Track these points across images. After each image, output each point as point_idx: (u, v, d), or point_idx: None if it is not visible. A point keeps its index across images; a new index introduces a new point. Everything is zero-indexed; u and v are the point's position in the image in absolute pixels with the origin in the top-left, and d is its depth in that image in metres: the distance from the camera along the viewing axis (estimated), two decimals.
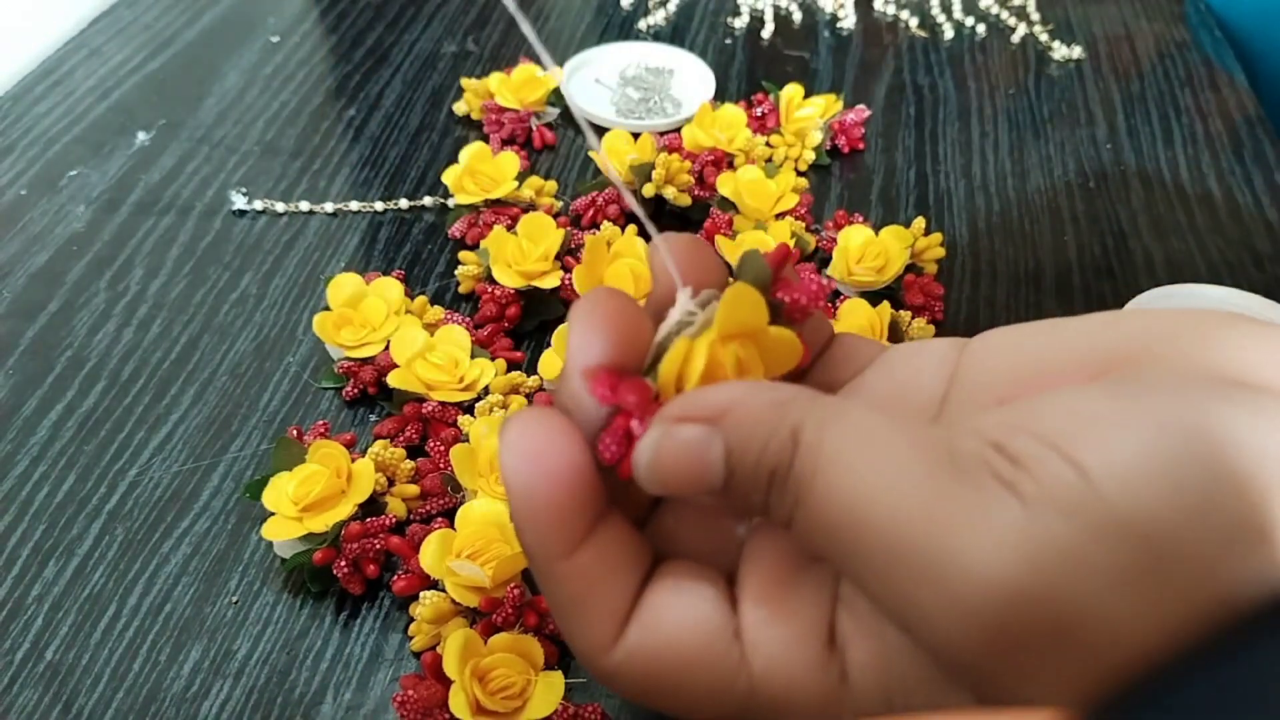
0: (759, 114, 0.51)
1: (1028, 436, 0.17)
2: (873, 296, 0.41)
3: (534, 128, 0.51)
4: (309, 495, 0.31)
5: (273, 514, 0.32)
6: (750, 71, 0.57)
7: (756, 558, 0.21)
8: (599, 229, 0.44)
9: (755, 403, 0.19)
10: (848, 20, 0.62)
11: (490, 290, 0.40)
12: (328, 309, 0.39)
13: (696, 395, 0.19)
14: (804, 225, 0.44)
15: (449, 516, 0.33)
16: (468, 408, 0.37)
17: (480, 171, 0.45)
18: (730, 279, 0.22)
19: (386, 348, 0.37)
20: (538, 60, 0.54)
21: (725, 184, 0.45)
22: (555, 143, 0.51)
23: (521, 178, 0.46)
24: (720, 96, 0.54)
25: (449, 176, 0.45)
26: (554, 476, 0.20)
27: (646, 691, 0.20)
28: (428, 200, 0.47)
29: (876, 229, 0.43)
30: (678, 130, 0.50)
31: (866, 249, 0.42)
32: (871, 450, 0.17)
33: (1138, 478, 0.15)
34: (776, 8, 0.63)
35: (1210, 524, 0.15)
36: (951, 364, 0.22)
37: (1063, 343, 0.20)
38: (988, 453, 0.17)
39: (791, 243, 0.42)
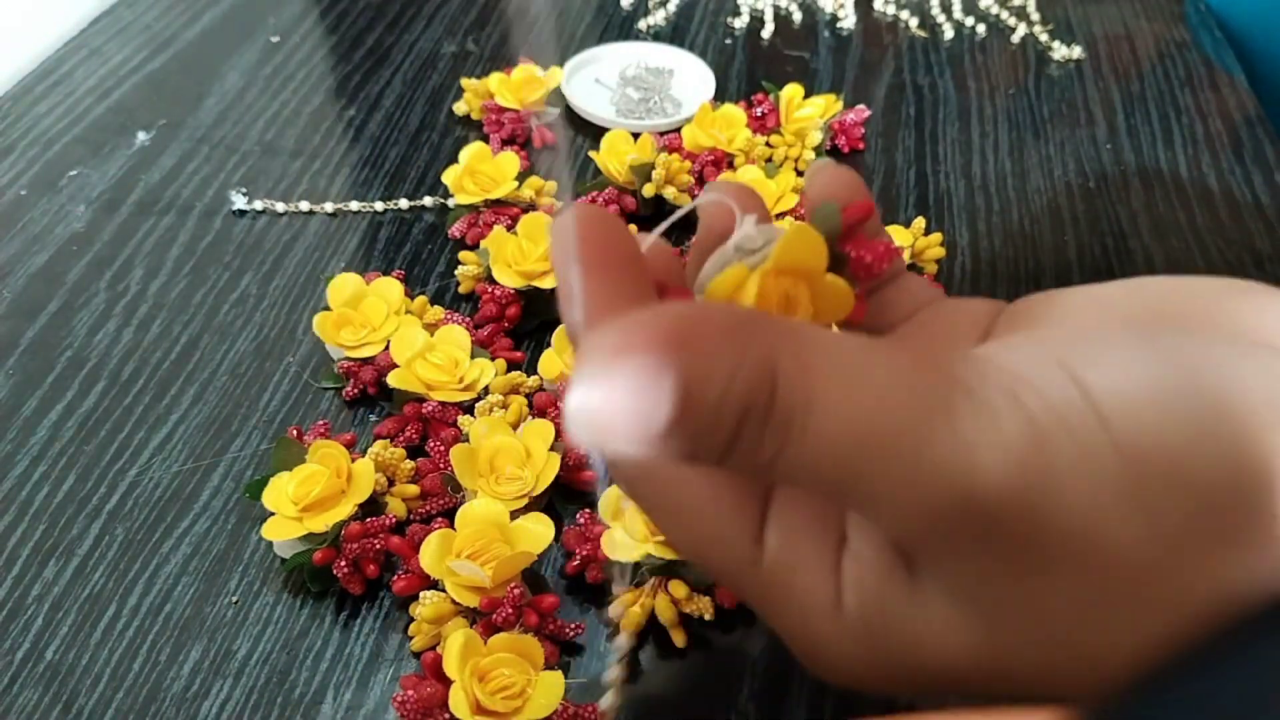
0: (759, 114, 0.51)
1: (1033, 355, 0.17)
2: None
3: (534, 128, 0.51)
4: (309, 495, 0.31)
5: (273, 514, 0.32)
6: (750, 71, 0.57)
7: None
8: None
9: (710, 326, 0.15)
10: (848, 20, 0.62)
11: (490, 290, 0.40)
12: (328, 309, 0.39)
13: (636, 318, 0.15)
14: None
15: (449, 516, 0.33)
16: (468, 408, 0.37)
17: (480, 171, 0.45)
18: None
19: (386, 348, 0.37)
20: (538, 60, 0.54)
21: None
22: (555, 143, 0.51)
23: (521, 178, 0.46)
24: (720, 96, 0.54)
25: (449, 176, 0.45)
26: (615, 245, 0.19)
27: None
28: (428, 200, 0.47)
29: None
30: (678, 130, 0.50)
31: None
32: (871, 370, 0.16)
33: (1142, 403, 0.16)
34: (776, 8, 0.63)
35: (1209, 456, 0.15)
36: (989, 320, 0.22)
37: (1094, 300, 0.20)
38: (989, 369, 0.16)
39: None
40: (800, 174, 0.49)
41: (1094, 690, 0.17)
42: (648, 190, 0.45)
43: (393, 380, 0.36)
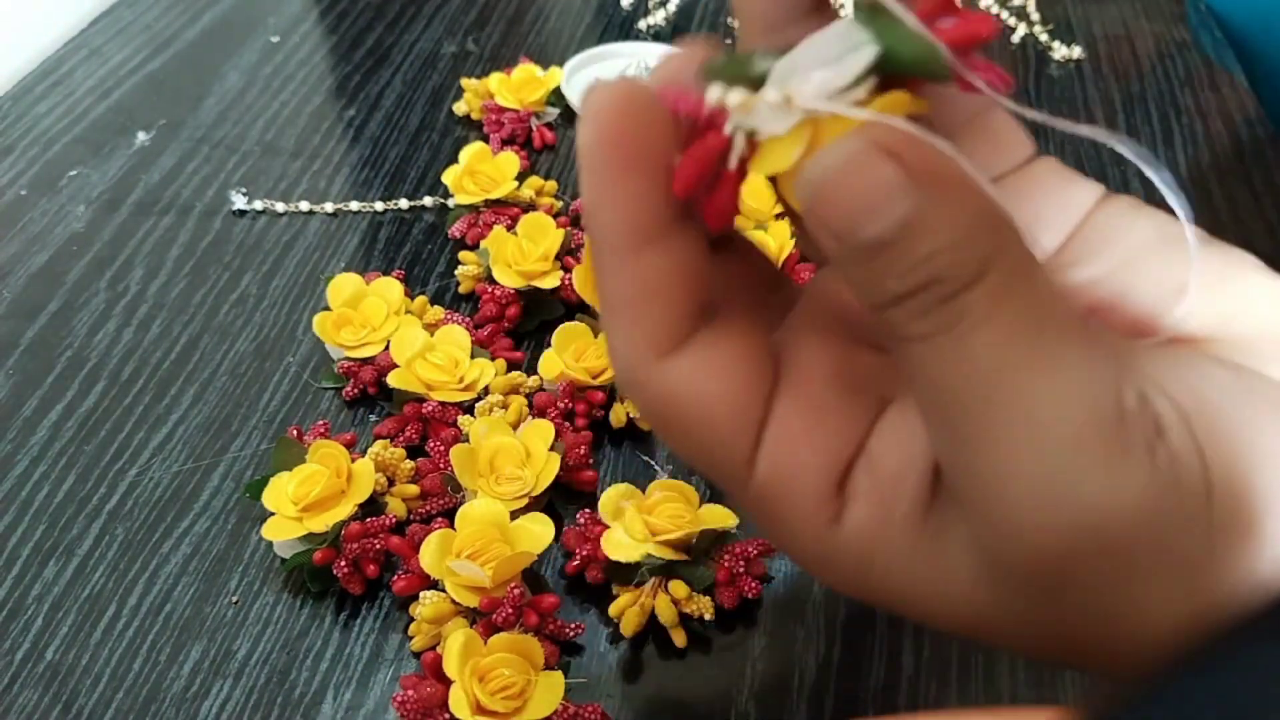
0: None
1: (1169, 404, 0.16)
2: None
3: (534, 128, 0.51)
4: (309, 495, 0.31)
5: (273, 514, 0.32)
6: None
7: (801, 358, 0.20)
8: None
9: (967, 200, 0.16)
10: None
11: (490, 290, 0.40)
12: (328, 309, 0.39)
13: (921, 142, 0.16)
14: None
15: (449, 516, 0.33)
16: (468, 408, 0.37)
17: (480, 171, 0.45)
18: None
19: (386, 348, 0.37)
20: (538, 60, 0.54)
21: None
22: (555, 143, 0.51)
23: (521, 178, 0.46)
24: None
25: (449, 176, 0.45)
26: (646, 157, 0.17)
27: (657, 420, 0.19)
28: (428, 200, 0.47)
29: None
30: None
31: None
32: (1055, 334, 0.16)
33: (1242, 483, 0.16)
34: None
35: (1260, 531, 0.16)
36: (1081, 216, 0.21)
37: (1177, 273, 0.20)
38: (1142, 405, 0.16)
39: (790, 244, 0.42)
40: None
41: (1093, 666, 0.17)
42: None
43: (393, 380, 0.36)
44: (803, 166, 0.16)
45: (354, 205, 0.47)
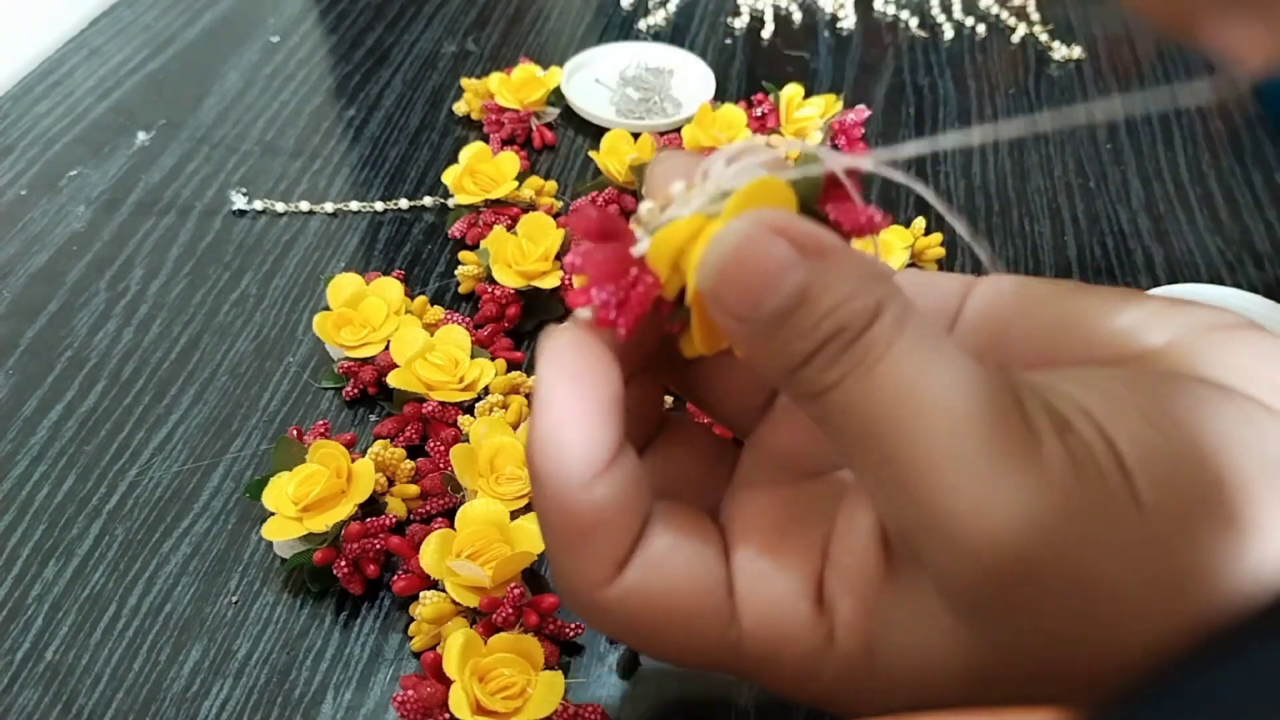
0: (759, 114, 0.51)
1: (1071, 405, 0.17)
2: None
3: (534, 128, 0.51)
4: (309, 495, 0.31)
5: (273, 514, 0.32)
6: (750, 71, 0.57)
7: (744, 516, 0.21)
8: None
9: (852, 260, 0.18)
10: (848, 20, 0.62)
11: (490, 290, 0.40)
12: (328, 309, 0.39)
13: (798, 220, 0.18)
14: None
15: (449, 516, 0.33)
16: (468, 408, 0.37)
17: (480, 171, 0.45)
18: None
19: (386, 348, 0.37)
20: (537, 60, 0.54)
21: None
22: (555, 143, 0.51)
23: (521, 178, 0.46)
24: (720, 96, 0.54)
25: (449, 176, 0.45)
26: (593, 397, 0.19)
27: (634, 631, 0.20)
28: (428, 200, 0.47)
29: None
30: (678, 130, 0.50)
31: (866, 248, 0.41)
32: (949, 355, 0.17)
33: (1156, 465, 0.17)
34: (776, 8, 0.63)
35: (1208, 513, 0.16)
36: (957, 302, 0.22)
37: (1064, 317, 0.21)
38: (1043, 404, 0.17)
39: None
40: None
41: (1080, 693, 0.17)
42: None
43: (393, 380, 0.36)
44: (696, 256, 0.18)
45: (354, 205, 0.47)
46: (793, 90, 0.51)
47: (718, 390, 0.23)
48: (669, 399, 0.25)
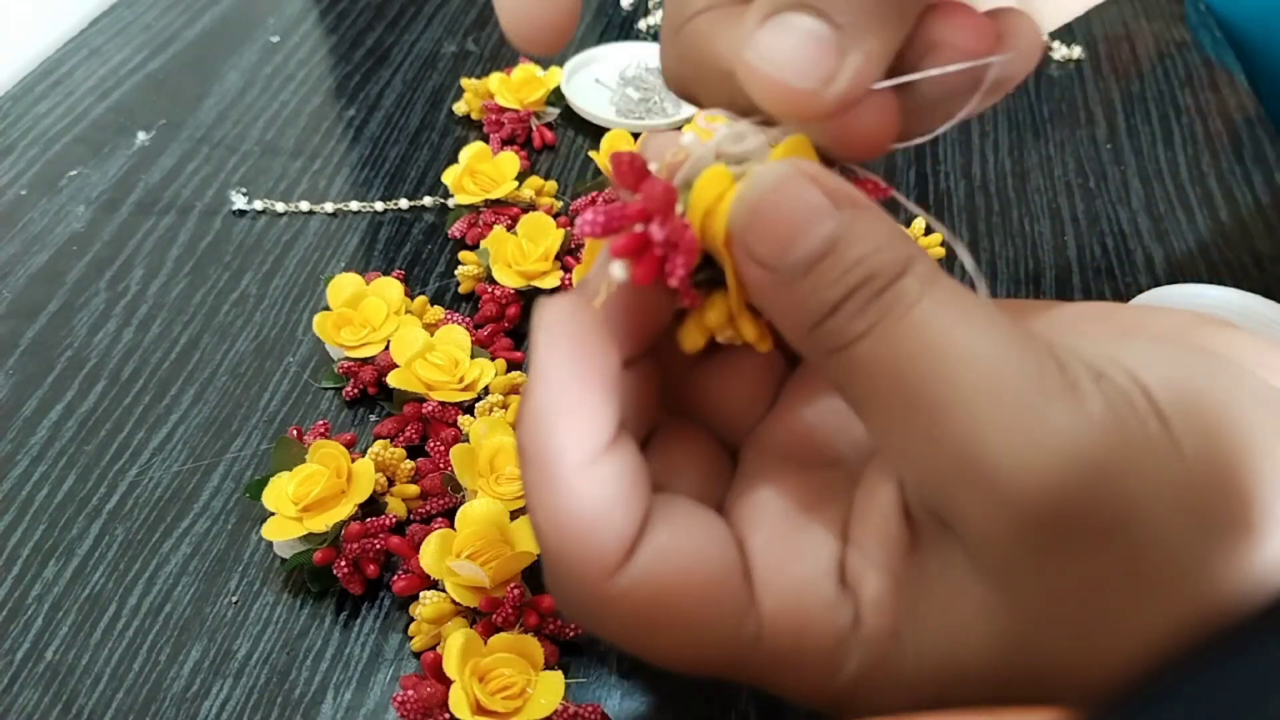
0: None
1: (1103, 357, 0.17)
2: None
3: (534, 128, 0.51)
4: (309, 495, 0.31)
5: (273, 514, 0.32)
6: None
7: (757, 500, 0.20)
8: None
9: (883, 218, 0.18)
10: None
11: (490, 290, 0.40)
12: (328, 309, 0.39)
13: (833, 174, 0.18)
14: None
15: (449, 516, 0.33)
16: (468, 408, 0.37)
17: (480, 171, 0.45)
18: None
19: (386, 348, 0.37)
20: (537, 60, 0.54)
21: None
22: (555, 143, 0.51)
23: (521, 178, 0.46)
24: None
25: (449, 176, 0.45)
26: (594, 369, 0.18)
27: (643, 627, 0.18)
28: (428, 200, 0.47)
29: None
30: (678, 130, 0.50)
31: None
32: (980, 308, 0.17)
33: (1192, 415, 0.16)
34: None
35: (1243, 455, 0.16)
36: None
37: (1064, 329, 0.21)
38: (1074, 354, 0.17)
39: None
40: None
41: (1104, 685, 0.17)
42: None
43: (393, 380, 0.36)
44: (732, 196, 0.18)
45: (354, 205, 0.47)
46: None
47: (714, 395, 0.22)
48: None
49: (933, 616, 0.18)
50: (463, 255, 0.42)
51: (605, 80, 0.54)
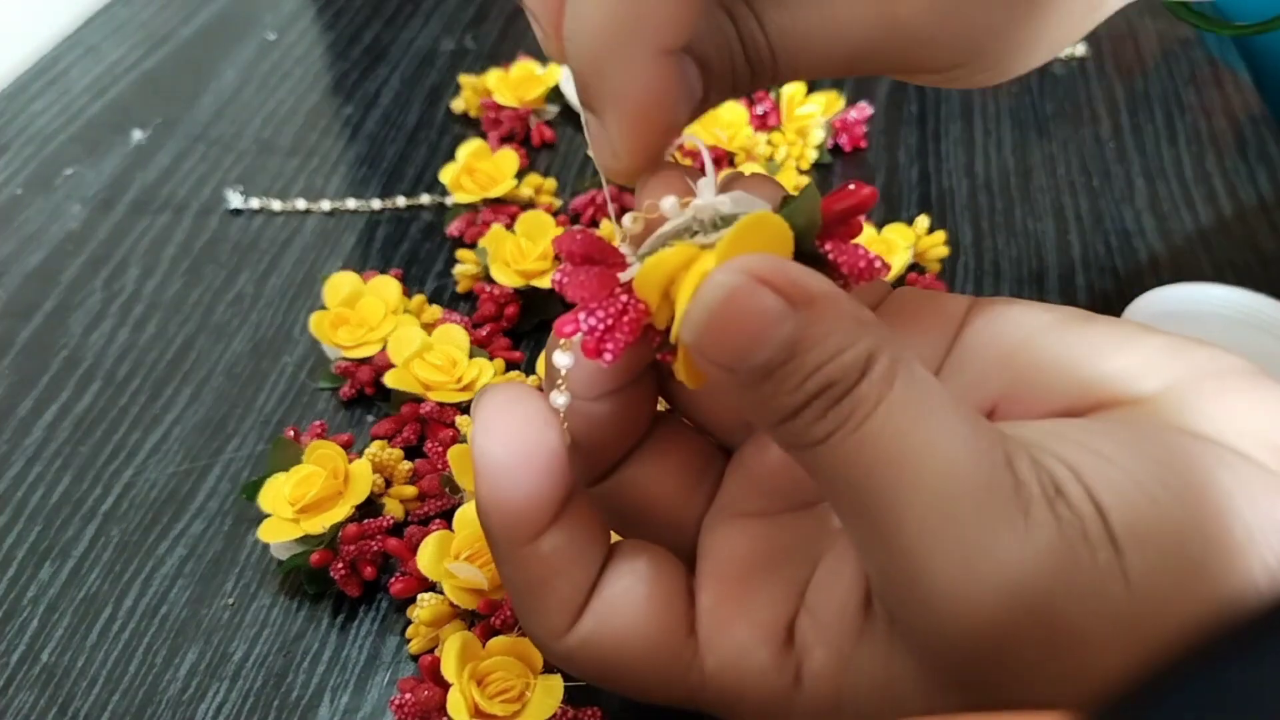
0: (760, 112, 0.51)
1: (1062, 468, 0.17)
2: None
3: (533, 125, 0.50)
4: (306, 496, 0.31)
5: (269, 515, 0.32)
6: None
7: (717, 551, 0.21)
8: (598, 227, 0.44)
9: (843, 307, 0.17)
10: None
11: (488, 289, 0.40)
12: (325, 308, 0.38)
13: (786, 266, 0.17)
14: None
15: (447, 518, 0.33)
16: (466, 408, 0.36)
17: (478, 169, 0.44)
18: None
19: (384, 348, 0.37)
20: (536, 57, 0.54)
21: None
22: (554, 140, 0.51)
23: (520, 175, 0.45)
24: None
25: (447, 175, 0.45)
26: (529, 460, 0.19)
27: (599, 676, 0.21)
28: (425, 199, 0.46)
29: (879, 227, 0.43)
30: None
31: (869, 247, 0.41)
32: (940, 409, 0.17)
33: (1146, 537, 0.17)
34: None
35: (1193, 588, 0.16)
36: (955, 328, 0.22)
37: (1061, 355, 0.20)
38: (1035, 467, 0.17)
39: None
40: (803, 173, 0.49)
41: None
42: None
43: (390, 380, 0.35)
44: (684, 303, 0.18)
45: (351, 204, 0.46)
46: (794, 88, 0.50)
47: (706, 406, 0.23)
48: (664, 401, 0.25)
49: (875, 694, 0.19)
50: (461, 254, 0.42)
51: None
